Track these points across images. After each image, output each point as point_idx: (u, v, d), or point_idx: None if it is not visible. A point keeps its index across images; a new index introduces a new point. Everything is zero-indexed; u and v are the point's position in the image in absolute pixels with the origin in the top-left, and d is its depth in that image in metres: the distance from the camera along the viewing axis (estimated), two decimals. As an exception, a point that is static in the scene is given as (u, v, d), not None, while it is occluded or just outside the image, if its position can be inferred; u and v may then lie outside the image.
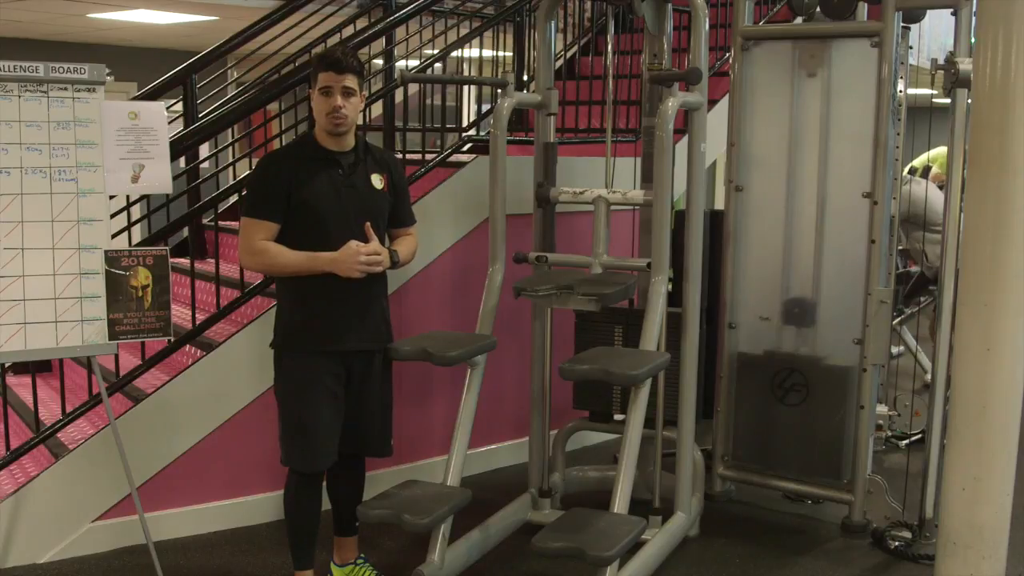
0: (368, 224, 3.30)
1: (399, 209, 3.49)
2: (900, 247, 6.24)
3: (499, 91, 3.99)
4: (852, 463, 4.08)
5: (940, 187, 6.08)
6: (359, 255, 3.23)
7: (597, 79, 5.11)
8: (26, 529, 3.73)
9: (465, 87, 6.75)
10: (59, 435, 3.94)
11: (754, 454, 4.34)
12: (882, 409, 5.10)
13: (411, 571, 3.38)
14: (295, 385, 3.32)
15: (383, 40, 4.83)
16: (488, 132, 3.99)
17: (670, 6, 4.14)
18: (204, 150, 5.06)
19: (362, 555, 3.64)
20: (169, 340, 3.82)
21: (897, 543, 3.98)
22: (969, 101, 3.40)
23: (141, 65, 7.93)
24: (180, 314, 4.32)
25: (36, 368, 4.17)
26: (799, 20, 4.38)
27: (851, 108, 4.02)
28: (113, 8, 7.12)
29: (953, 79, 3.56)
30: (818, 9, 4.19)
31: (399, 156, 4.73)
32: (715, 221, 4.41)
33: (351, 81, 3.25)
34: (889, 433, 5.25)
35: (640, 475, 4.01)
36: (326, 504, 3.49)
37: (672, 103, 3.62)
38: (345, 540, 3.61)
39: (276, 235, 3.25)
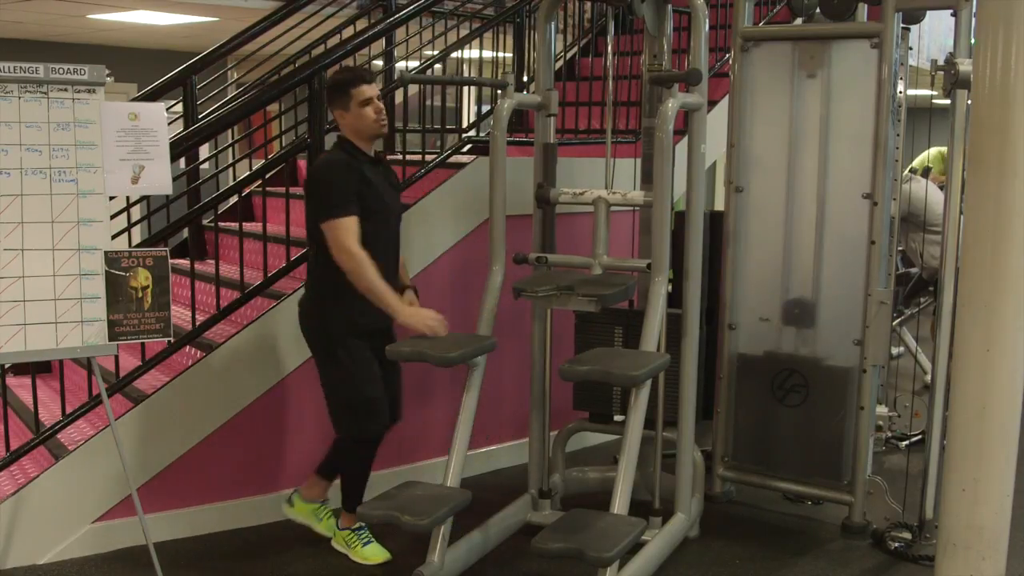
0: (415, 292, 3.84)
1: None
2: (899, 248, 6.24)
3: (499, 92, 3.99)
4: (852, 464, 4.08)
5: (940, 188, 6.08)
6: (430, 320, 3.63)
7: (597, 80, 5.11)
8: (26, 529, 3.72)
9: (465, 88, 6.75)
10: (59, 436, 3.94)
11: (754, 455, 4.34)
12: (882, 410, 5.10)
13: (411, 571, 3.39)
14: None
15: (383, 41, 4.83)
16: (488, 133, 3.99)
17: (670, 7, 4.14)
18: (204, 151, 5.06)
19: (327, 499, 3.96)
20: (169, 341, 3.82)
21: (897, 544, 3.98)
22: (969, 102, 3.40)
23: (141, 66, 7.90)
24: (180, 315, 4.32)
25: (36, 369, 4.17)
26: (799, 21, 4.38)
27: (851, 109, 4.02)
28: (113, 9, 7.12)
29: (953, 80, 3.56)
30: (818, 10, 4.20)
31: (399, 157, 4.74)
32: (715, 222, 4.41)
33: (377, 88, 3.67)
34: (889, 434, 5.25)
35: (640, 476, 4.00)
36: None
37: (672, 104, 3.62)
38: (321, 481, 3.93)
39: None
